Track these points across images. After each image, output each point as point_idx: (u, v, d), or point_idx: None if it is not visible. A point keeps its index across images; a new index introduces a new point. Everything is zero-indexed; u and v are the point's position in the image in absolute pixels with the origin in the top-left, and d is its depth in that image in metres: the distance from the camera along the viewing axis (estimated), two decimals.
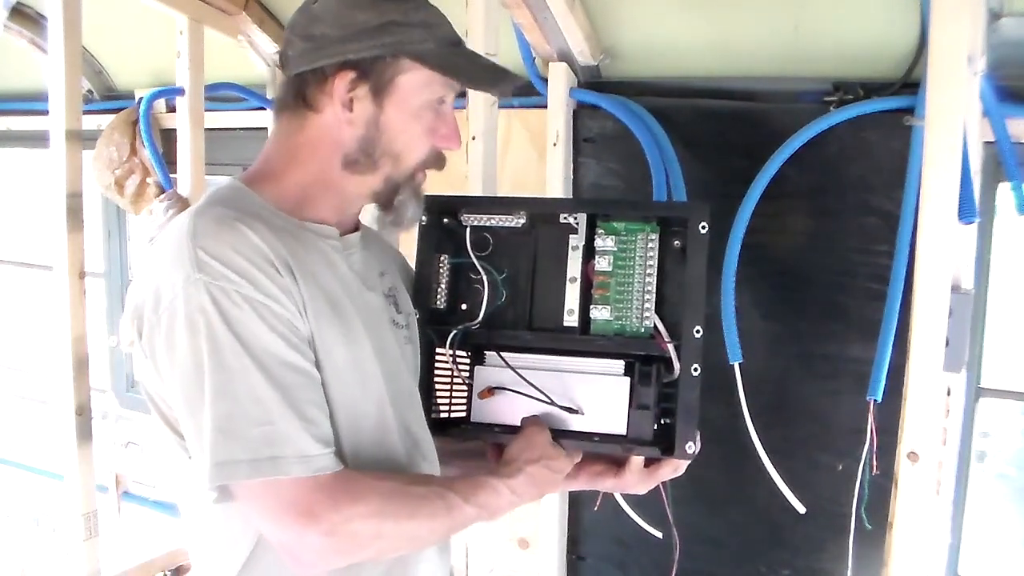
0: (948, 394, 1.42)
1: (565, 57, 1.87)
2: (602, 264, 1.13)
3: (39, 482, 3.28)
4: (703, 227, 1.08)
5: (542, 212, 1.19)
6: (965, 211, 1.33)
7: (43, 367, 3.17)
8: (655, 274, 1.12)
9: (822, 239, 1.67)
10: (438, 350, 1.18)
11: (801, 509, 1.55)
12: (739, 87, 1.74)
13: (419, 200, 1.07)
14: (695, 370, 1.07)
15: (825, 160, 1.62)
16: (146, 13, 2.27)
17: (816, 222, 1.68)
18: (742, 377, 1.59)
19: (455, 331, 1.15)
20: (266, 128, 2.49)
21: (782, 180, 1.59)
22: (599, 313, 1.13)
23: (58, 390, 2.03)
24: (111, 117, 2.55)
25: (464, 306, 1.20)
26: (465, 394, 1.20)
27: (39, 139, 2.17)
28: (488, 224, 1.19)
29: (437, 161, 1.06)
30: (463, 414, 1.19)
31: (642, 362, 1.11)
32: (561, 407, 1.12)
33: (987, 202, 1.54)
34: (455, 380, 1.20)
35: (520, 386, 1.14)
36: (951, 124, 1.28)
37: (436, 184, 1.09)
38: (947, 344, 1.32)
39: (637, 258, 1.13)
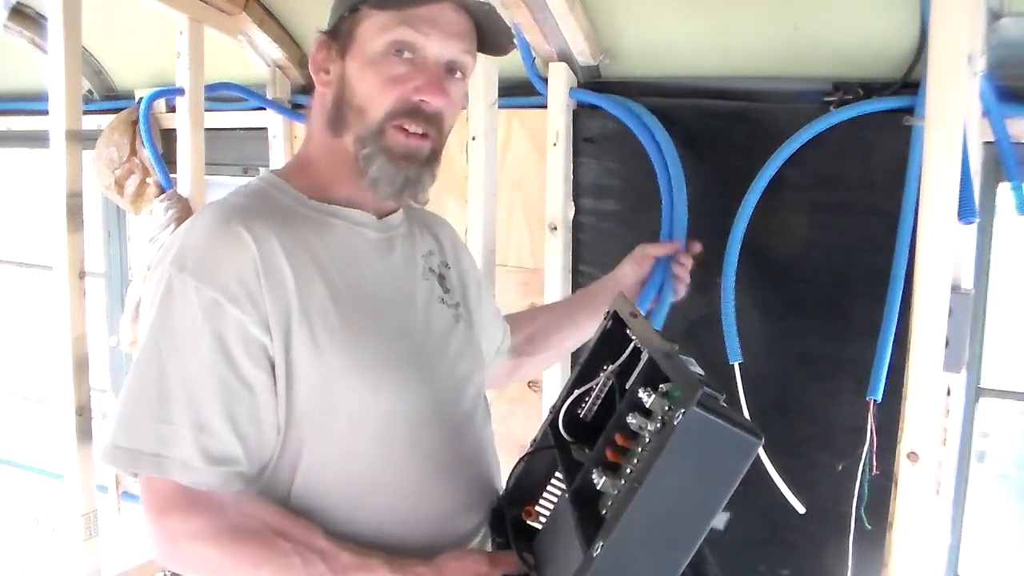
0: (948, 394, 1.42)
1: (565, 57, 1.87)
2: (633, 422, 0.87)
3: (39, 482, 3.28)
4: (678, 416, 0.76)
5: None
6: (965, 211, 1.33)
7: (43, 367, 3.17)
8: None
9: (822, 239, 1.67)
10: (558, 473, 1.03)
11: (801, 509, 1.55)
12: (739, 87, 1.74)
13: (392, 160, 0.99)
14: None
15: (825, 160, 1.62)
16: (146, 13, 2.27)
17: (816, 222, 1.68)
18: (742, 377, 1.59)
19: (580, 464, 0.94)
20: (266, 128, 2.49)
21: (782, 180, 1.60)
22: (602, 481, 0.86)
23: (58, 390, 2.03)
24: (111, 117, 2.55)
25: (601, 424, 0.99)
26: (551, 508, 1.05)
27: (39, 139, 2.17)
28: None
29: (408, 114, 0.99)
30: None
31: None
32: (526, 563, 0.95)
33: (987, 202, 1.54)
34: (548, 497, 1.07)
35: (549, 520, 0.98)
36: (951, 124, 1.28)
37: (436, 184, 1.08)
38: (947, 344, 1.32)
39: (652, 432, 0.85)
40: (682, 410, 0.76)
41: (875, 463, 1.46)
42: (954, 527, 1.61)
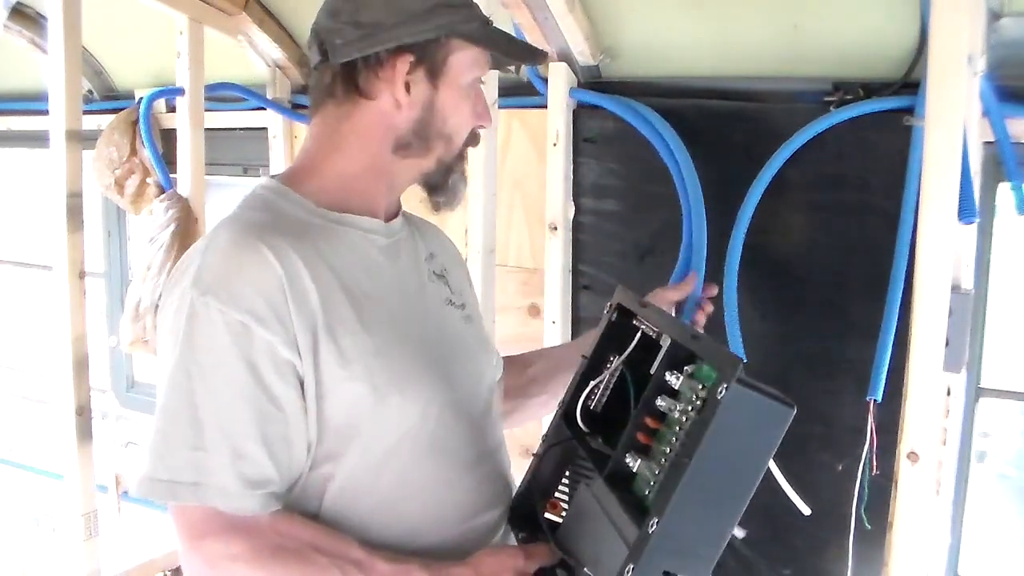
0: (948, 394, 1.42)
1: (565, 57, 1.87)
2: (663, 404, 0.89)
3: (39, 482, 3.28)
4: (722, 391, 0.80)
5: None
6: (965, 211, 1.33)
7: (43, 367, 3.17)
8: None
9: (822, 239, 1.67)
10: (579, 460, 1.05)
11: (806, 511, 1.54)
12: (739, 87, 1.74)
13: (464, 179, 1.10)
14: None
15: (825, 160, 1.62)
16: (146, 13, 2.27)
17: (816, 222, 1.68)
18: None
19: (603, 452, 0.96)
20: (266, 128, 2.49)
21: (782, 180, 1.60)
22: (636, 463, 0.89)
23: (58, 390, 2.03)
24: (111, 117, 2.55)
25: (613, 415, 1.02)
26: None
27: (39, 139, 2.17)
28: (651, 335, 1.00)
29: (474, 139, 1.08)
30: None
31: None
32: (561, 551, 0.95)
33: (987, 202, 1.54)
34: (567, 489, 1.08)
35: (570, 511, 0.99)
36: (951, 124, 1.28)
37: None
38: (947, 344, 1.32)
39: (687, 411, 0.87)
40: (724, 386, 0.80)
41: (875, 463, 1.46)
42: (954, 527, 1.61)
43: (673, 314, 1.48)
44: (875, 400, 1.46)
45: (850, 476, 1.51)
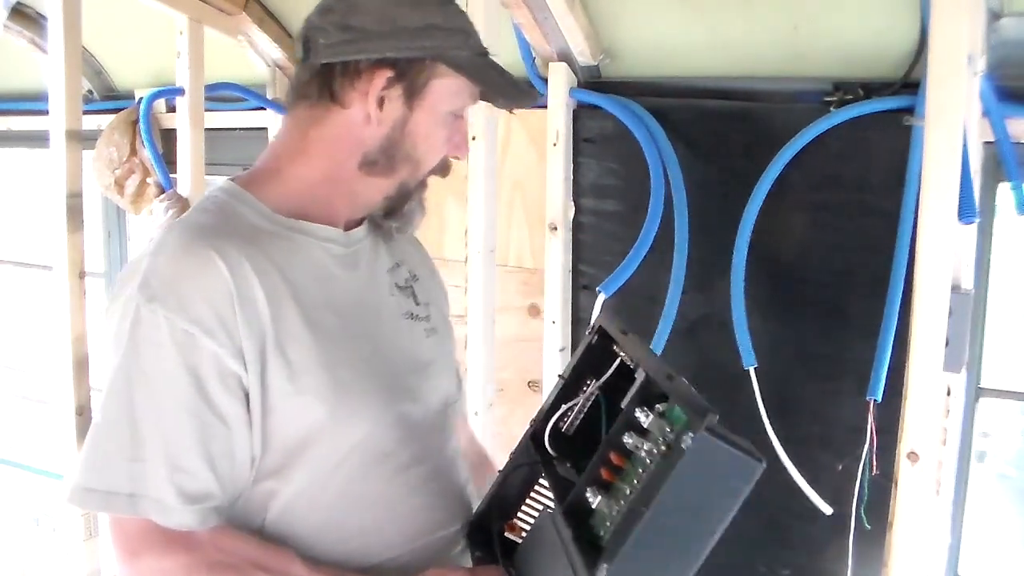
0: (948, 394, 1.42)
1: (565, 57, 1.87)
2: (630, 441, 0.85)
3: (39, 482, 3.28)
4: (687, 440, 0.76)
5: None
6: (965, 211, 1.33)
7: (43, 367, 3.17)
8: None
9: (822, 239, 1.67)
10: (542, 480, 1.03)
11: (828, 511, 1.52)
12: (739, 87, 1.74)
13: (423, 209, 1.06)
14: None
15: (825, 160, 1.62)
16: (146, 13, 2.27)
17: (816, 222, 1.68)
18: (742, 377, 1.59)
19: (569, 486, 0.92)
20: (266, 128, 2.49)
21: (782, 180, 1.60)
22: (596, 500, 0.85)
23: (58, 390, 2.03)
24: (111, 117, 2.55)
25: (583, 440, 0.98)
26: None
27: (39, 139, 2.17)
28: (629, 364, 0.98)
29: (443, 168, 1.04)
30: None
31: None
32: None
33: (987, 202, 1.54)
34: (529, 511, 1.06)
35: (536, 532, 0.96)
36: (951, 124, 1.28)
37: (435, 184, 1.08)
38: (947, 344, 1.32)
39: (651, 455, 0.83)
40: (691, 434, 0.76)
41: (875, 463, 1.46)
42: (954, 527, 1.61)
43: None
44: (875, 400, 1.46)
45: (850, 476, 1.51)
